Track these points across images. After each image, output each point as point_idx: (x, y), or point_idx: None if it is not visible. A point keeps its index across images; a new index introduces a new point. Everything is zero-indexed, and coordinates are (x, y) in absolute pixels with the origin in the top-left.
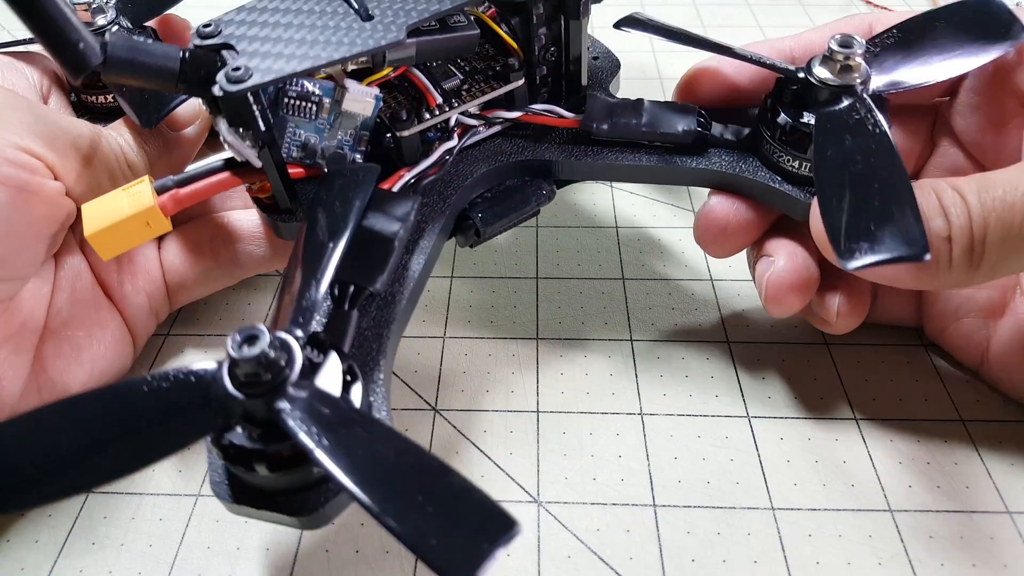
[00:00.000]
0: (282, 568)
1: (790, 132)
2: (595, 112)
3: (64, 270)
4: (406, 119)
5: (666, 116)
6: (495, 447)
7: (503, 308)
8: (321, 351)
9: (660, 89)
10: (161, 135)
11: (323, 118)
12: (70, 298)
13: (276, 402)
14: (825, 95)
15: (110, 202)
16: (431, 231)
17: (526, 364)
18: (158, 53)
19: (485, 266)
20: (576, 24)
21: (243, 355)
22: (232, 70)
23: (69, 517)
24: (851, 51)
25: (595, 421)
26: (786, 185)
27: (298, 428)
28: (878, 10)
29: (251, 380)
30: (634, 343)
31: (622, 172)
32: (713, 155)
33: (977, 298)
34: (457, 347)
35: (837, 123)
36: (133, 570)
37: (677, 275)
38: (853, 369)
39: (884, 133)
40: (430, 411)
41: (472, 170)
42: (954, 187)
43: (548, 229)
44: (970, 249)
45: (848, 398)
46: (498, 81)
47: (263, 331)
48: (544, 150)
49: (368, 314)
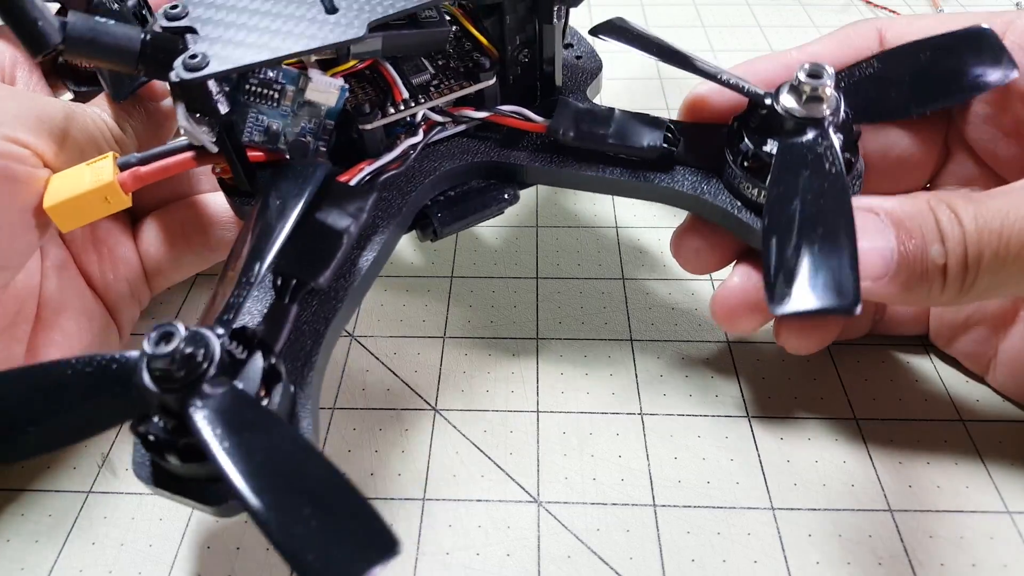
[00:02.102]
0: (282, 568)
1: (751, 159)
2: (563, 118)
3: (50, 260)
4: (369, 112)
5: (634, 129)
6: (495, 447)
7: (503, 308)
8: (247, 348)
9: (660, 89)
10: (144, 108)
11: (286, 106)
12: (58, 287)
13: (188, 398)
14: (790, 125)
15: (73, 176)
16: (385, 227)
17: (526, 364)
18: (119, 34)
19: (485, 266)
20: (549, 28)
21: (157, 352)
22: (189, 57)
23: (69, 517)
24: (819, 82)
25: (595, 421)
26: (745, 212)
27: (203, 427)
28: (879, 10)
29: (165, 376)
30: (634, 343)
31: (586, 182)
32: (678, 173)
33: (987, 307)
34: (457, 347)
35: (796, 156)
36: (133, 570)
37: (677, 275)
38: (853, 369)
39: (840, 173)
40: (430, 411)
41: (435, 168)
42: (951, 207)
43: (548, 229)
44: (963, 274)
45: (848, 398)
46: (469, 80)
47: (178, 329)
48: (510, 153)
49: (308, 308)
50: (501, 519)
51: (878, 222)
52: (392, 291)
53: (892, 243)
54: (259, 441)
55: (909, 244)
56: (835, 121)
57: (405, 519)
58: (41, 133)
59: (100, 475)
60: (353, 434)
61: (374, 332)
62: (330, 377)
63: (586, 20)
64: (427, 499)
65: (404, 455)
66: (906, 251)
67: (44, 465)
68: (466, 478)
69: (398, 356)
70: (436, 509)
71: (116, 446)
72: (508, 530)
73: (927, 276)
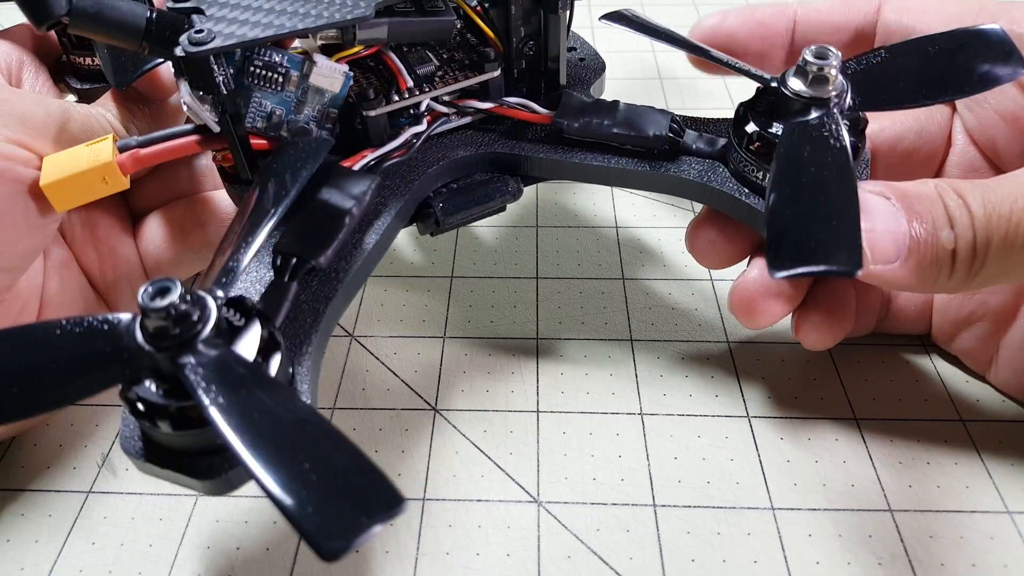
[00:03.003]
0: (282, 568)
1: (758, 141)
2: (568, 109)
3: (52, 260)
4: (374, 98)
5: (639, 119)
6: (495, 447)
7: (503, 308)
8: (245, 316)
9: (660, 89)
10: (149, 106)
11: (290, 91)
12: (60, 287)
13: (181, 357)
14: (796, 106)
15: (70, 155)
16: (388, 213)
17: (526, 364)
18: (124, 10)
19: (485, 266)
20: (555, 18)
21: (152, 306)
22: (195, 32)
23: (69, 517)
24: (825, 63)
25: (595, 421)
26: (752, 197)
27: (197, 384)
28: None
29: (159, 332)
30: (634, 343)
31: (591, 173)
32: (683, 163)
33: (990, 303)
34: (457, 347)
35: (801, 134)
36: (133, 570)
37: (677, 275)
38: (853, 369)
39: (844, 148)
40: (430, 411)
41: (439, 158)
42: (959, 193)
43: (548, 229)
44: (971, 259)
45: (848, 398)
46: (474, 71)
47: (175, 284)
48: (514, 145)
49: (309, 287)
50: (501, 519)
51: (889, 205)
52: (392, 291)
53: (904, 227)
54: (255, 400)
55: (920, 228)
56: (840, 104)
57: (405, 519)
58: (42, 135)
59: (100, 475)
60: (353, 434)
61: (374, 332)
62: (330, 377)
63: (587, 21)
64: (427, 499)
65: (404, 455)
66: (917, 235)
67: (44, 465)
68: (466, 478)
69: (398, 356)
70: (436, 509)
71: (116, 446)
72: (508, 530)
73: (937, 261)
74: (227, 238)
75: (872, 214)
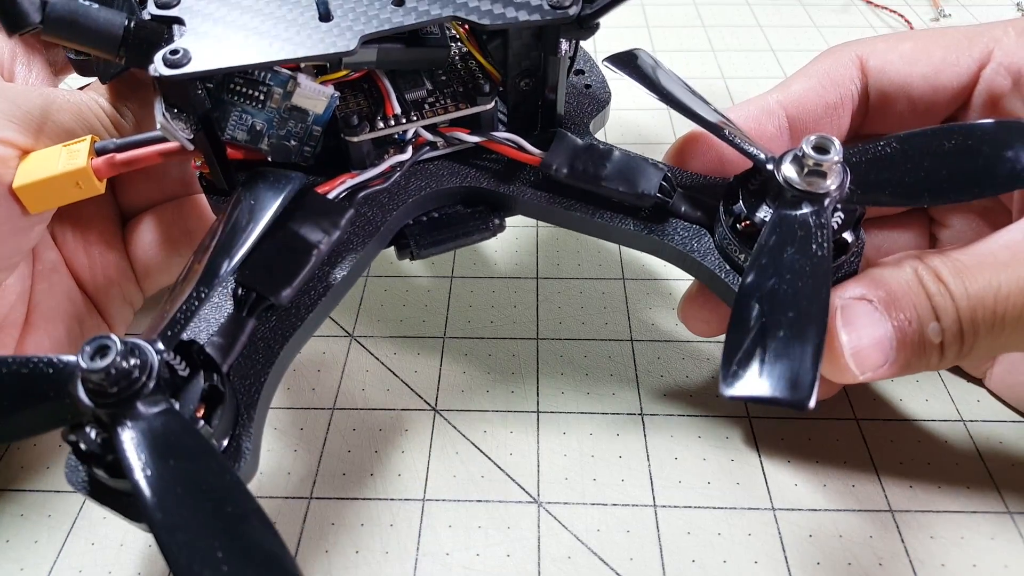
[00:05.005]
0: None
1: (745, 221)
2: (558, 153)
3: (41, 264)
4: (357, 124)
5: (631, 172)
6: (495, 447)
7: (503, 308)
8: (190, 365)
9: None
10: (141, 89)
11: (271, 108)
12: (49, 291)
13: (120, 416)
14: (787, 195)
15: (47, 156)
16: (361, 246)
17: (526, 364)
18: (101, 19)
19: (485, 266)
20: (554, 60)
21: (91, 367)
22: (170, 52)
23: (69, 517)
24: (825, 158)
25: (595, 421)
26: (732, 276)
27: (129, 449)
28: (879, 10)
29: (99, 391)
30: (634, 343)
31: (574, 223)
32: (669, 226)
33: None
34: (457, 347)
35: (787, 230)
36: (133, 570)
37: (677, 275)
38: None
39: (825, 258)
40: (430, 411)
41: (421, 187)
42: (939, 277)
43: (548, 229)
44: (959, 346)
45: (848, 398)
46: (466, 101)
47: (114, 342)
48: (499, 183)
49: (267, 323)
50: (501, 519)
51: (871, 310)
52: (392, 291)
53: (889, 330)
54: (184, 471)
55: (905, 325)
56: (837, 198)
57: (405, 519)
58: (25, 129)
59: None
60: (353, 434)
61: (374, 332)
62: (330, 377)
63: None
64: (427, 499)
65: (404, 455)
66: (903, 334)
67: (44, 465)
68: (466, 478)
69: (398, 356)
70: (436, 509)
71: None
72: (508, 530)
73: (925, 353)
74: (195, 258)
75: (856, 325)
